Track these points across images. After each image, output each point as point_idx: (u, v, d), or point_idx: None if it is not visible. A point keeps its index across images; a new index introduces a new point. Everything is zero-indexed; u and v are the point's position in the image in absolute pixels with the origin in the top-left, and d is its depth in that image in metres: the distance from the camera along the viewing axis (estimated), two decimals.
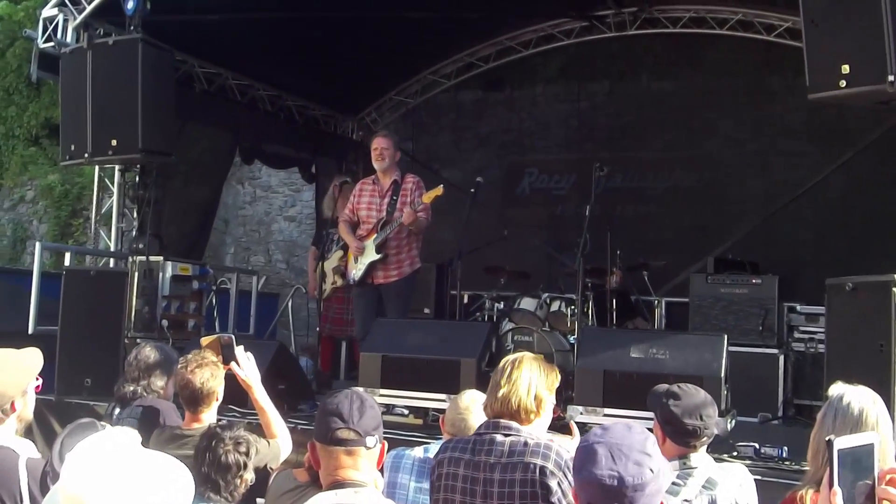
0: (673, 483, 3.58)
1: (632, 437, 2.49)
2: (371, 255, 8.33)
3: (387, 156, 8.46)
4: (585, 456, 2.45)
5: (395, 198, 8.41)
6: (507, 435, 3.56)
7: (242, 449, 3.57)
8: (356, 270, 8.45)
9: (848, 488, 2.32)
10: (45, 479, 3.10)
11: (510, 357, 3.83)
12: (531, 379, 3.67)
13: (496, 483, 3.48)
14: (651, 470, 2.44)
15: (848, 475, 2.34)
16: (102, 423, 3.89)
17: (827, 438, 2.33)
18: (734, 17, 10.74)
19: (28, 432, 3.95)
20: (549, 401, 3.75)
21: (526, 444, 3.51)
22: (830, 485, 2.32)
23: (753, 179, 11.51)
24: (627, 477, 2.39)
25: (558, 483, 3.39)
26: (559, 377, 3.87)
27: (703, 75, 11.77)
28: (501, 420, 3.61)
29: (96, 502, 2.19)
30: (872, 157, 10.21)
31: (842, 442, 2.33)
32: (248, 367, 4.55)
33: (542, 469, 3.42)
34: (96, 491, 2.20)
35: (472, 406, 4.37)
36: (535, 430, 3.66)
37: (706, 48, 11.44)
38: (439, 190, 8.15)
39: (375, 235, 8.34)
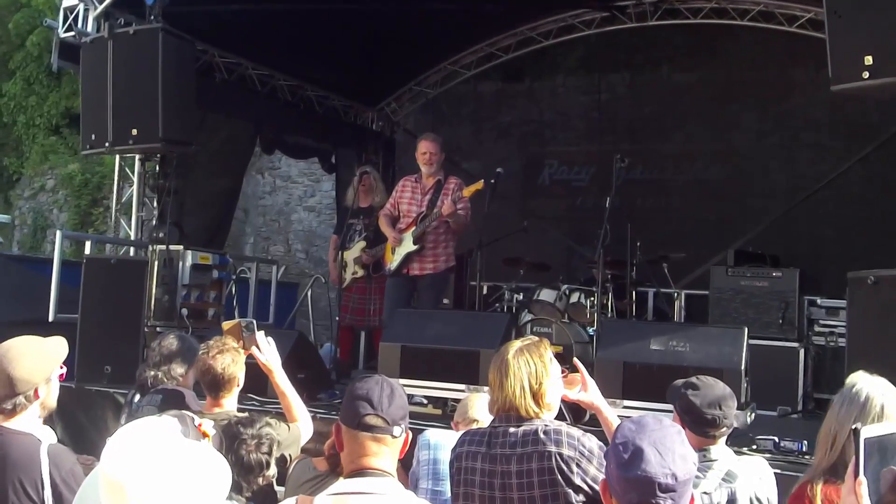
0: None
1: (670, 431, 2.51)
2: (408, 246, 8.48)
3: (434, 161, 8.68)
4: (633, 455, 2.45)
5: (436, 195, 8.56)
6: (519, 425, 3.52)
7: (265, 449, 3.56)
8: (392, 261, 8.56)
9: (873, 478, 2.28)
10: None
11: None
12: (521, 379, 3.54)
13: (514, 475, 3.46)
14: (693, 463, 2.49)
15: (874, 465, 2.31)
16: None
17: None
18: (756, 7, 10.64)
19: (49, 419, 3.97)
20: (550, 385, 3.60)
21: (537, 431, 3.48)
22: (856, 474, 2.27)
23: (775, 172, 11.46)
24: (679, 473, 2.42)
25: (577, 464, 3.37)
26: (548, 345, 3.71)
27: (724, 67, 11.72)
28: (511, 412, 3.55)
29: (138, 490, 2.21)
30: (894, 151, 10.13)
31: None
32: (268, 352, 4.56)
33: (559, 455, 3.39)
34: (138, 478, 2.22)
35: (482, 416, 4.38)
36: (548, 417, 3.60)
37: (727, 39, 11.37)
38: (479, 184, 8.23)
39: (414, 228, 8.52)
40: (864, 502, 2.26)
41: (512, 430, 3.52)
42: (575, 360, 4.13)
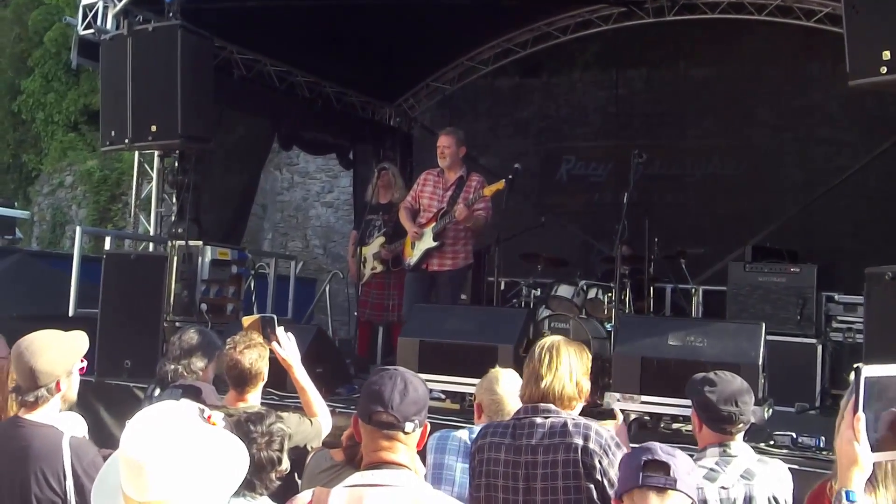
0: (711, 469, 3.60)
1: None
2: (428, 242, 8.52)
3: (447, 154, 8.69)
4: (641, 445, 2.85)
5: (458, 192, 8.59)
6: (546, 417, 3.64)
7: (276, 446, 3.58)
8: (412, 256, 8.59)
9: (872, 416, 2.36)
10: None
11: (544, 343, 3.89)
12: (571, 365, 3.78)
13: (539, 465, 3.56)
14: (693, 469, 2.93)
15: (874, 403, 2.37)
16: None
17: (855, 366, 2.38)
18: (773, 2, 10.60)
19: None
20: (588, 385, 3.85)
21: (566, 424, 3.60)
22: (855, 410, 2.37)
23: (792, 168, 11.43)
24: (679, 455, 2.85)
25: (599, 461, 3.49)
26: (590, 357, 3.96)
27: (741, 62, 11.69)
28: (541, 404, 3.70)
29: (157, 470, 2.24)
30: None
31: (870, 370, 2.36)
32: (288, 347, 4.60)
33: (585, 448, 3.51)
34: (157, 459, 2.25)
35: (509, 391, 4.41)
36: (575, 413, 3.76)
37: (745, 34, 11.34)
38: (501, 184, 8.23)
39: (434, 224, 8.57)
40: (860, 437, 2.37)
41: (539, 420, 3.65)
42: None
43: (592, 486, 3.50)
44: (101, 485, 2.49)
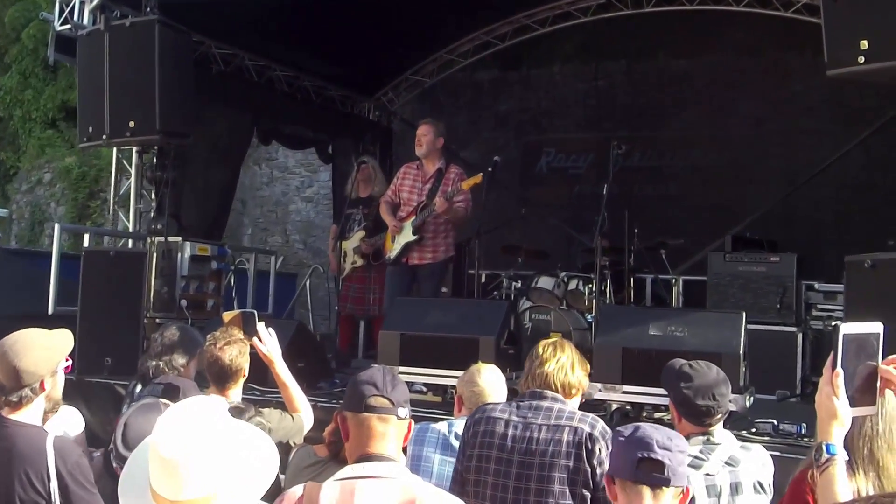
0: (695, 457, 3.61)
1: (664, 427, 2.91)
2: (407, 236, 8.51)
3: (424, 142, 8.68)
4: (633, 429, 2.87)
5: (437, 184, 8.57)
6: (554, 401, 3.83)
7: None
8: (392, 250, 8.59)
9: (849, 371, 2.46)
10: (109, 458, 3.13)
11: (548, 340, 4.09)
12: (574, 360, 3.98)
13: (541, 441, 3.71)
14: (687, 454, 2.95)
15: (852, 360, 2.43)
16: (165, 402, 3.96)
17: (833, 323, 2.46)
18: None
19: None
20: (587, 382, 4.10)
21: (573, 411, 3.81)
22: (833, 366, 2.46)
23: (773, 158, 11.46)
24: (674, 442, 2.84)
25: (600, 449, 3.65)
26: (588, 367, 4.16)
27: (721, 53, 11.74)
28: (545, 390, 3.87)
29: (192, 469, 2.23)
30: (893, 135, 10.12)
31: (847, 328, 2.42)
32: (269, 343, 4.59)
33: (591, 435, 3.69)
34: (192, 457, 2.24)
35: (490, 384, 4.45)
36: (574, 405, 3.96)
37: (724, 25, 11.35)
38: (478, 178, 8.25)
39: (414, 217, 8.55)
40: (839, 392, 2.47)
41: (546, 404, 3.82)
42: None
43: (590, 470, 3.63)
44: (127, 483, 2.47)
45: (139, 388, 5.03)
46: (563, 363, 3.93)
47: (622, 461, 2.83)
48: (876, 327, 2.50)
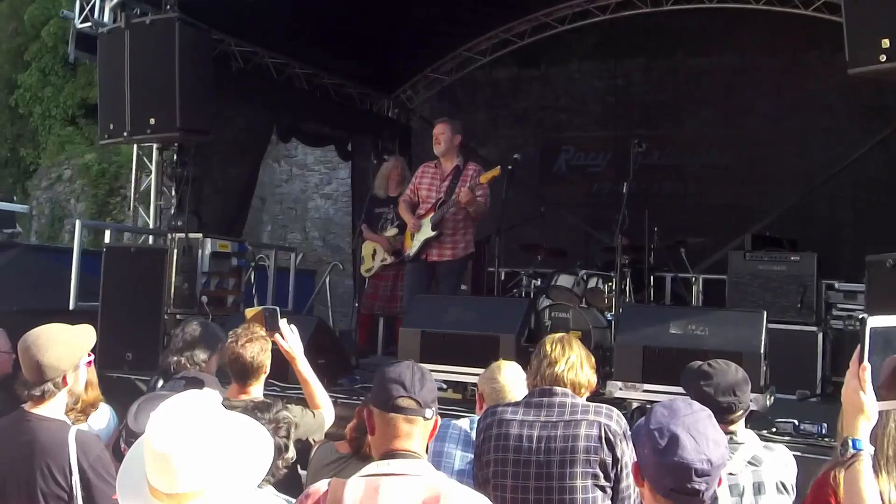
0: None
1: (701, 416, 2.58)
2: (427, 233, 8.49)
3: (442, 140, 8.66)
4: (669, 441, 2.48)
5: (455, 181, 8.55)
6: (565, 397, 3.81)
7: (283, 433, 3.59)
8: (412, 247, 8.59)
9: (877, 366, 2.42)
10: (119, 442, 3.15)
11: (554, 336, 4.05)
12: (582, 357, 3.96)
13: (559, 439, 3.69)
14: (725, 446, 2.56)
15: (879, 353, 2.41)
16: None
17: (861, 316, 2.40)
18: None
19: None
20: (595, 379, 4.08)
21: (587, 404, 3.80)
22: (860, 360, 2.42)
23: (791, 157, 11.44)
24: (714, 458, 2.47)
25: (619, 440, 3.65)
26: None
27: (739, 51, 11.72)
28: (555, 387, 3.85)
29: (184, 460, 2.25)
30: None
31: (875, 321, 2.39)
32: (291, 339, 4.61)
33: (608, 427, 3.67)
34: (184, 449, 2.26)
35: (511, 382, 4.45)
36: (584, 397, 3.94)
37: (743, 23, 11.33)
38: (496, 171, 8.24)
39: (433, 214, 8.50)
40: (866, 386, 2.42)
41: (559, 400, 3.80)
42: None
43: (611, 461, 3.63)
44: (125, 478, 2.50)
45: (161, 382, 5.05)
46: (573, 362, 3.92)
47: (655, 474, 2.53)
48: None
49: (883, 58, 5.69)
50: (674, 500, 2.50)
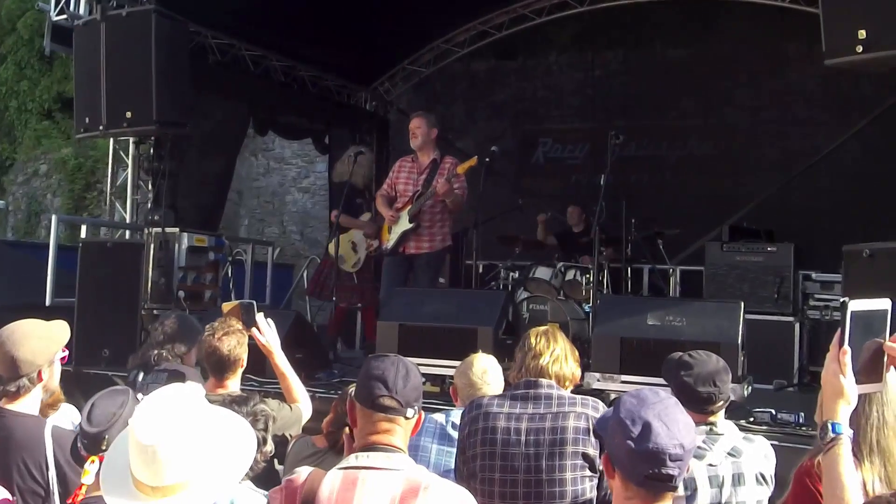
0: (699, 447, 3.60)
1: (669, 403, 2.56)
2: (404, 225, 8.45)
3: (419, 134, 8.60)
4: (642, 429, 2.48)
5: (432, 175, 8.53)
6: (550, 389, 3.83)
7: (260, 426, 3.58)
8: (389, 241, 8.56)
9: (856, 349, 2.41)
10: (76, 444, 3.13)
11: (538, 329, 4.07)
12: (567, 350, 3.99)
13: (547, 431, 3.70)
14: (694, 430, 2.56)
15: (859, 336, 2.41)
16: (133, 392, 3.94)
17: (841, 300, 2.40)
18: None
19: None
20: (579, 372, 4.10)
21: (574, 396, 3.82)
22: (840, 343, 2.41)
23: (769, 147, 11.49)
24: (686, 442, 2.47)
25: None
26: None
27: (717, 43, 11.73)
28: (540, 379, 3.85)
29: (170, 455, 2.25)
30: (889, 124, 10.12)
31: (856, 304, 2.39)
32: (268, 333, 4.59)
33: (595, 419, 3.60)
34: (170, 444, 2.25)
35: (485, 376, 4.45)
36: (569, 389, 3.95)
37: (720, 15, 11.38)
38: (473, 161, 8.22)
39: (410, 206, 8.45)
40: (846, 370, 2.42)
41: (545, 392, 3.81)
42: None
43: (597, 453, 3.64)
44: (109, 470, 2.49)
45: (142, 376, 5.03)
46: (558, 355, 3.94)
47: (629, 462, 2.53)
48: (884, 304, 2.44)
49: (859, 48, 5.70)
50: (647, 488, 2.49)
